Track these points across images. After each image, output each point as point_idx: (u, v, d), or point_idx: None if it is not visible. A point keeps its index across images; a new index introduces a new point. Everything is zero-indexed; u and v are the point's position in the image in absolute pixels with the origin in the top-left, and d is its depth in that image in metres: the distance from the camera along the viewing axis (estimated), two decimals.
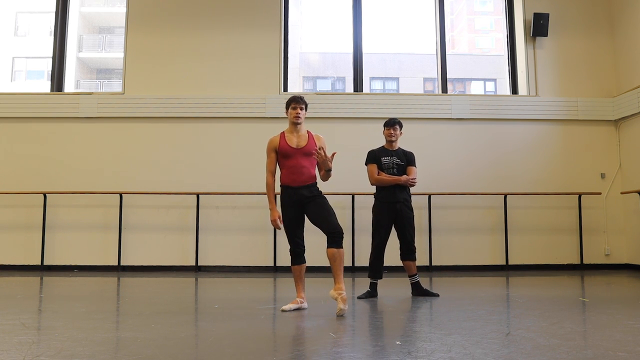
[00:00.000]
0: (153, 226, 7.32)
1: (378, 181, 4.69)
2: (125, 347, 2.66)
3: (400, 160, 4.74)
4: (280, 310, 3.79)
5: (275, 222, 3.95)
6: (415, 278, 4.69)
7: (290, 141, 3.95)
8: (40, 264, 7.17)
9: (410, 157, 4.80)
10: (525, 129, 7.64)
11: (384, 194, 4.70)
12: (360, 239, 7.15)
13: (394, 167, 4.71)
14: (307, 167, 3.92)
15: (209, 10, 7.70)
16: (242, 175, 7.35)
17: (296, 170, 3.90)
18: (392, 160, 4.73)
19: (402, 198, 4.68)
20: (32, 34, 18.75)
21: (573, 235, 7.43)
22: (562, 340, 2.80)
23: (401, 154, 4.79)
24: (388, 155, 4.76)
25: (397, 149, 4.82)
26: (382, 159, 4.75)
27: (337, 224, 3.79)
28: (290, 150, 3.92)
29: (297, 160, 3.91)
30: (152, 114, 7.48)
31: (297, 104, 4.02)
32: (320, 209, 3.84)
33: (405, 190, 4.73)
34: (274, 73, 7.60)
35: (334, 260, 3.72)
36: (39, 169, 7.39)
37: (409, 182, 4.68)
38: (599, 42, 7.83)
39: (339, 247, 3.74)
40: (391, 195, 4.66)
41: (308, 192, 3.89)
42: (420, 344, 2.72)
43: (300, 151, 3.92)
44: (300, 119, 3.99)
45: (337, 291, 3.65)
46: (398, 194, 4.67)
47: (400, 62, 18.40)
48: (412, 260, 4.68)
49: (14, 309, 3.84)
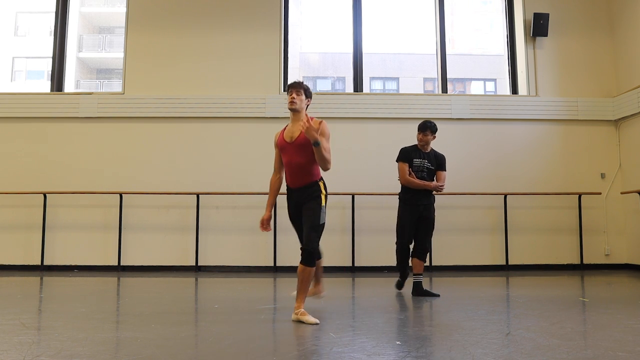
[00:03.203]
0: (153, 226, 7.32)
1: (408, 182, 4.72)
2: (125, 347, 2.66)
3: (431, 164, 4.78)
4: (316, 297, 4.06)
5: (261, 221, 3.73)
6: (418, 277, 4.70)
7: (287, 134, 3.62)
8: (40, 264, 7.17)
9: (441, 161, 4.83)
10: (525, 129, 7.64)
11: (409, 196, 4.76)
12: (360, 239, 7.16)
13: (424, 170, 4.75)
14: (302, 164, 3.54)
15: (209, 10, 7.71)
16: (242, 175, 7.36)
17: (291, 169, 3.60)
18: (423, 163, 4.76)
19: (426, 201, 4.75)
20: (32, 34, 18.75)
21: (573, 235, 7.43)
22: (562, 340, 2.80)
23: (432, 158, 4.81)
24: (420, 157, 4.78)
25: (430, 150, 4.85)
26: (415, 160, 4.76)
27: (311, 239, 3.41)
28: (283, 144, 3.61)
29: (291, 156, 3.56)
30: (152, 114, 7.48)
31: (293, 88, 3.58)
32: (306, 217, 3.52)
33: (430, 194, 4.79)
34: (274, 73, 7.60)
35: (298, 277, 3.46)
36: (39, 169, 7.39)
37: (438, 187, 4.73)
38: (599, 42, 7.83)
39: (305, 265, 3.40)
40: (415, 198, 4.73)
41: (304, 195, 3.58)
42: (420, 344, 2.72)
43: (293, 145, 3.55)
44: (296, 104, 3.56)
45: (294, 311, 3.43)
46: (422, 197, 4.74)
47: (400, 62, 18.39)
48: (420, 259, 4.71)
49: (14, 309, 3.84)
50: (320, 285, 4.07)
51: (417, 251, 4.73)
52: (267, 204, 3.79)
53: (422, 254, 4.72)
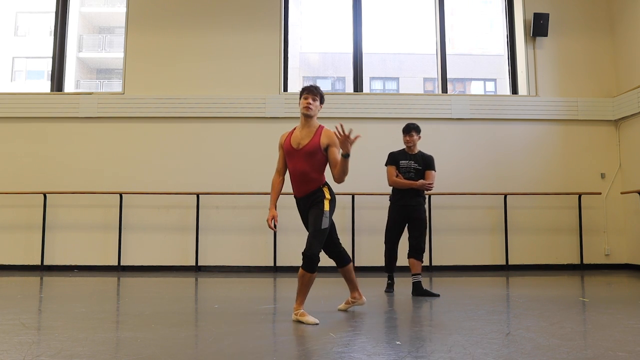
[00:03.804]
0: (153, 226, 7.32)
1: (395, 183, 4.88)
2: (125, 347, 2.66)
3: (418, 165, 4.89)
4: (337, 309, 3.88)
5: (268, 221, 3.59)
6: (417, 277, 4.71)
7: (294, 139, 3.55)
8: (40, 264, 7.17)
9: (429, 161, 4.92)
10: (525, 129, 7.64)
11: (398, 197, 4.90)
12: (361, 239, 7.16)
13: (411, 170, 4.87)
14: (307, 172, 3.49)
15: (209, 10, 7.71)
16: (242, 175, 7.36)
17: (295, 176, 3.54)
18: (410, 164, 4.88)
19: (415, 202, 4.82)
20: (32, 34, 18.74)
21: (573, 235, 7.43)
22: (562, 340, 2.80)
23: (419, 158, 4.92)
24: (406, 158, 4.92)
25: (417, 152, 4.97)
26: (401, 162, 4.91)
27: (312, 245, 3.36)
28: (289, 149, 3.55)
29: (296, 162, 3.51)
30: (152, 114, 7.48)
31: (309, 94, 3.54)
32: (310, 222, 3.47)
33: (418, 194, 4.86)
34: (274, 73, 7.60)
35: (298, 281, 3.45)
36: (39, 169, 7.39)
37: (425, 186, 4.81)
38: (599, 42, 7.83)
39: (305, 270, 3.37)
40: (403, 199, 4.85)
41: (309, 202, 3.53)
42: (420, 344, 2.72)
43: (300, 152, 3.49)
44: (312, 110, 3.52)
45: (294, 312, 3.44)
46: (410, 197, 4.83)
47: (400, 62, 18.39)
48: (416, 259, 4.73)
49: (14, 309, 3.84)
50: (357, 292, 3.85)
51: (413, 251, 4.75)
52: (271, 203, 3.66)
53: (418, 253, 4.74)
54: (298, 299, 3.46)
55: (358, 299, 3.86)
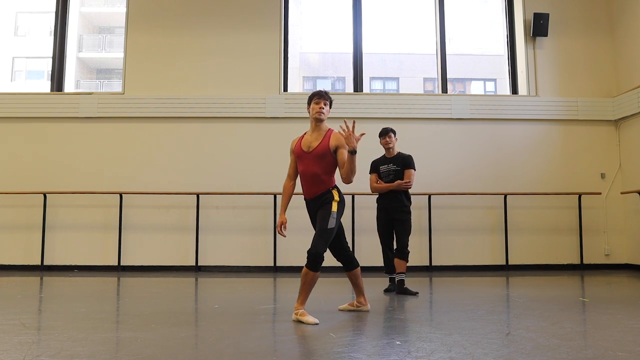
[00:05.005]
0: (153, 226, 7.32)
1: (375, 189, 5.09)
2: (125, 347, 2.66)
3: (396, 166, 5.02)
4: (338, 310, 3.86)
5: (278, 227, 3.66)
6: (401, 276, 4.89)
7: (305, 142, 3.63)
8: (40, 264, 7.17)
9: (407, 161, 5.05)
10: (525, 129, 7.64)
11: (381, 200, 5.10)
12: (361, 239, 7.15)
13: (390, 173, 5.02)
14: (317, 174, 3.55)
15: (209, 10, 7.71)
16: (242, 175, 7.36)
17: (306, 178, 3.60)
18: (389, 168, 5.04)
19: (397, 203, 4.97)
20: (32, 34, 18.73)
21: (573, 235, 7.43)
22: (562, 340, 2.80)
23: (399, 160, 5.06)
24: (385, 163, 5.09)
25: (396, 154, 5.10)
26: (380, 167, 5.09)
27: (317, 243, 3.40)
28: (300, 153, 3.62)
29: (307, 165, 3.58)
30: (152, 114, 7.48)
31: (321, 98, 3.62)
32: (318, 221, 3.53)
33: (400, 196, 4.99)
34: (274, 73, 7.60)
35: (300, 279, 3.48)
36: (39, 169, 7.39)
37: (402, 185, 4.94)
38: (599, 42, 7.83)
39: (309, 269, 3.41)
40: (385, 202, 5.04)
41: (318, 203, 3.58)
42: (420, 344, 2.72)
43: (310, 154, 3.57)
44: (324, 115, 3.60)
45: (294, 311, 3.46)
46: (392, 200, 4.99)
47: (400, 62, 18.38)
48: (402, 259, 4.89)
49: (14, 309, 3.84)
50: (362, 297, 3.84)
51: (397, 251, 4.94)
52: (282, 208, 3.72)
53: (402, 253, 4.90)
54: (300, 298, 3.48)
55: (363, 304, 3.86)
